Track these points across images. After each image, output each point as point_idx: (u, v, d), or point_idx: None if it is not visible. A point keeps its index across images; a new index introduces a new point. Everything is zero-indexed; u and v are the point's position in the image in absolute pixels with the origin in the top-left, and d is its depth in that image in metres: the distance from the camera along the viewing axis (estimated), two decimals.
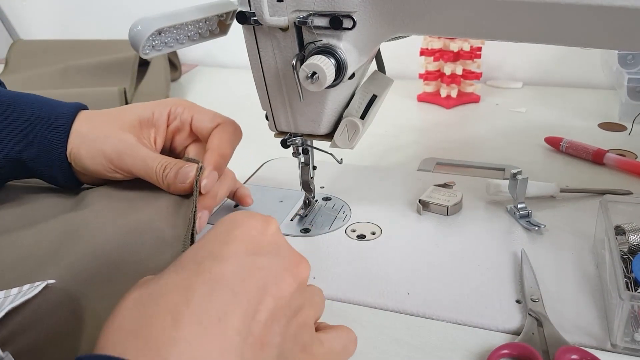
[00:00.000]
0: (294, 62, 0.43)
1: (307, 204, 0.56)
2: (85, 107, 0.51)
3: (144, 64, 0.99)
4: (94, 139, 0.48)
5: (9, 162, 0.47)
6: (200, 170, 0.46)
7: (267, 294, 0.27)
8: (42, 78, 0.97)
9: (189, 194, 0.47)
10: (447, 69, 0.85)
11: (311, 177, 0.54)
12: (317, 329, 0.35)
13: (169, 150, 0.53)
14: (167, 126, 0.51)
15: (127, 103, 0.83)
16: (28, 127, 0.47)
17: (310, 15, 0.41)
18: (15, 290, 0.36)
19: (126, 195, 0.49)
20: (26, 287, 0.36)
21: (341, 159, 0.53)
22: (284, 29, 0.43)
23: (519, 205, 0.53)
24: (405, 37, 0.46)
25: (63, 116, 0.48)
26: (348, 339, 0.36)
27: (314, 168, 0.54)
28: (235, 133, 0.51)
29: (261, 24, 0.42)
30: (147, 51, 0.46)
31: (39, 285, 0.36)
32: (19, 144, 0.47)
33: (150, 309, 0.24)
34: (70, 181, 0.50)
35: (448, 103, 0.86)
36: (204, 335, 0.23)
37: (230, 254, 0.28)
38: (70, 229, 0.43)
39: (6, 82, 0.99)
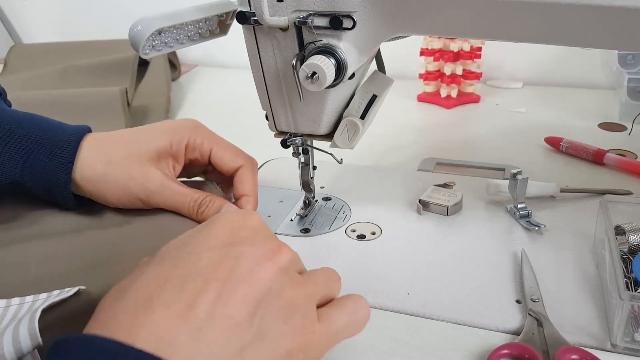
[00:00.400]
0: (294, 62, 0.43)
1: (307, 204, 0.56)
2: (89, 129, 0.49)
3: (143, 64, 0.99)
4: (116, 180, 0.46)
5: (9, 184, 0.46)
6: None
7: (242, 279, 0.28)
8: (41, 79, 0.97)
9: None
10: (447, 69, 0.85)
11: (311, 177, 0.54)
12: (325, 305, 0.34)
13: (185, 175, 0.52)
14: (185, 155, 0.49)
15: (128, 103, 0.83)
16: (29, 154, 0.45)
17: (310, 15, 0.41)
18: (44, 295, 0.36)
19: (155, 216, 0.48)
20: (56, 292, 0.36)
21: (341, 159, 0.53)
22: (284, 29, 0.43)
23: (519, 205, 0.53)
24: (405, 37, 0.46)
25: (66, 145, 0.46)
26: (353, 306, 0.34)
27: (314, 168, 0.54)
28: (256, 173, 0.51)
29: (261, 24, 0.42)
30: (147, 51, 0.46)
31: (71, 290, 0.36)
32: (20, 170, 0.45)
33: (127, 299, 0.26)
34: (72, 204, 0.48)
35: (448, 103, 0.86)
36: (172, 319, 0.25)
37: (205, 247, 0.29)
38: (105, 250, 0.44)
39: (5, 83, 0.99)
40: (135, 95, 0.92)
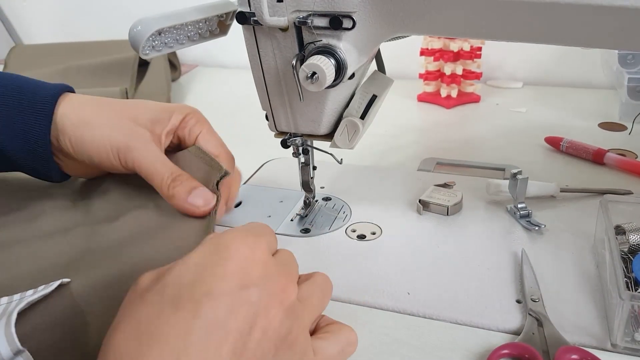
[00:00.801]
0: (293, 62, 0.43)
1: (307, 204, 0.56)
2: (71, 90, 0.47)
3: (143, 64, 0.99)
4: (100, 125, 0.45)
5: None
6: (217, 200, 0.45)
7: (256, 326, 0.28)
8: (42, 78, 0.97)
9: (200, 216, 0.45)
10: (447, 69, 0.85)
11: (311, 177, 0.54)
12: (317, 328, 0.35)
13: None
14: (175, 131, 0.50)
15: None
16: (7, 114, 0.44)
17: (310, 15, 0.41)
18: (30, 292, 0.36)
19: (147, 211, 0.47)
20: (41, 287, 0.36)
21: (341, 159, 0.53)
22: (283, 29, 0.43)
23: (519, 205, 0.53)
24: (405, 37, 0.46)
25: (44, 100, 0.44)
26: (346, 341, 0.35)
27: (314, 168, 0.54)
28: (233, 170, 0.51)
29: (261, 24, 0.42)
30: (147, 51, 0.46)
31: (54, 284, 0.35)
32: None
33: (152, 350, 0.26)
34: (52, 173, 0.47)
35: (448, 103, 0.86)
36: None
37: (223, 290, 0.28)
38: (93, 246, 0.43)
39: None
40: (135, 96, 0.92)
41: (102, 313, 0.35)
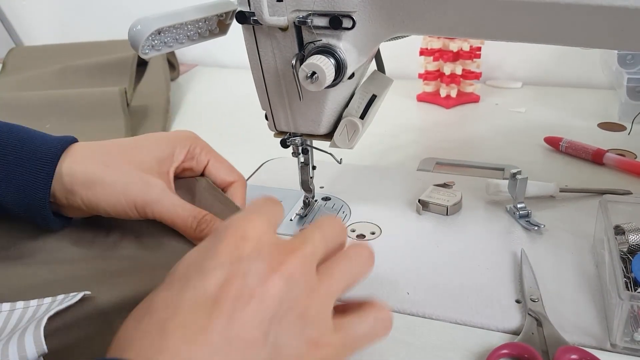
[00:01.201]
0: (293, 62, 0.43)
1: (306, 204, 0.56)
2: (74, 140, 0.46)
3: (142, 64, 0.98)
4: (111, 183, 0.43)
5: None
6: None
7: (250, 296, 0.28)
8: (40, 79, 0.97)
9: None
10: (447, 68, 0.85)
11: (311, 177, 0.54)
12: (342, 308, 0.33)
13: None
14: (181, 163, 0.48)
15: (127, 104, 0.83)
16: (6, 167, 0.42)
17: (309, 15, 0.41)
18: (48, 299, 0.36)
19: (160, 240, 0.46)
20: (60, 296, 0.36)
21: (341, 159, 0.53)
22: (283, 29, 0.43)
23: (519, 205, 0.53)
24: (404, 37, 0.46)
25: (46, 156, 0.43)
26: (373, 317, 0.33)
27: (314, 168, 0.54)
28: (245, 191, 0.51)
29: (261, 24, 0.42)
30: (147, 51, 0.46)
31: (77, 295, 0.36)
32: None
33: (144, 324, 0.27)
34: (50, 224, 0.45)
35: (447, 103, 0.86)
36: (187, 343, 0.26)
37: (212, 265, 0.29)
38: (111, 268, 0.43)
39: (2, 84, 0.99)
40: (134, 96, 0.92)
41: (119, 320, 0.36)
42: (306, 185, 0.54)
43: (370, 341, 0.33)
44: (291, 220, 0.55)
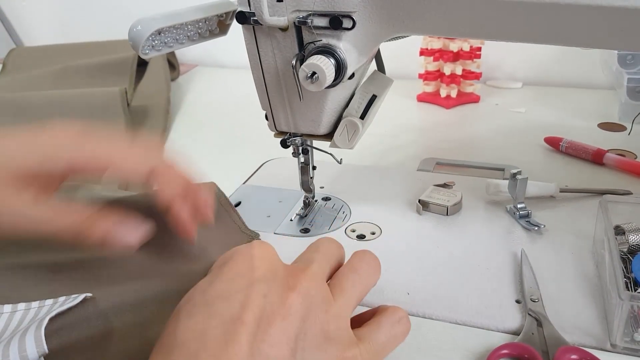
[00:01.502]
0: (293, 62, 0.43)
1: (306, 204, 0.56)
2: None
3: (142, 64, 0.98)
4: None
5: None
6: None
7: (275, 315, 0.29)
8: (39, 79, 0.97)
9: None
10: (447, 69, 0.85)
11: (311, 177, 0.54)
12: (357, 320, 0.34)
13: None
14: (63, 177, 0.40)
15: (128, 104, 0.83)
16: None
17: (310, 15, 0.41)
18: (50, 301, 0.36)
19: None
20: (62, 299, 0.36)
21: (341, 159, 0.53)
22: (283, 29, 0.43)
23: (519, 205, 0.53)
24: (404, 37, 0.46)
25: None
26: (391, 320, 0.34)
27: (314, 168, 0.54)
28: (178, 173, 0.41)
29: (261, 24, 0.42)
30: (147, 51, 0.46)
31: (78, 297, 0.36)
32: None
33: (174, 357, 0.27)
34: None
35: (448, 103, 0.87)
36: None
37: (232, 290, 0.30)
38: (111, 272, 0.42)
39: (3, 84, 0.99)
40: (135, 96, 0.92)
41: (123, 323, 0.36)
42: (306, 185, 0.54)
43: (393, 345, 0.34)
44: (291, 220, 0.55)
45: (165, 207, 0.40)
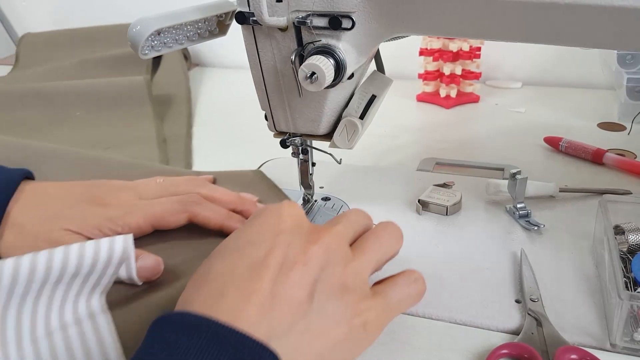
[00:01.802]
0: (292, 56, 0.43)
1: (306, 201, 0.56)
2: (29, 174, 0.48)
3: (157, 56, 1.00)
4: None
5: None
6: None
7: (296, 262, 0.32)
8: (60, 71, 0.99)
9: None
10: (447, 69, 0.85)
11: (310, 174, 0.54)
12: (377, 283, 0.37)
13: None
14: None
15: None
16: None
17: (309, 15, 0.41)
18: (90, 251, 0.38)
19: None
20: (105, 243, 0.39)
21: (340, 159, 0.53)
22: (283, 29, 0.43)
23: (519, 205, 0.53)
24: (404, 37, 0.46)
25: None
26: (407, 280, 0.37)
27: (313, 164, 0.54)
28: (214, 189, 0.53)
29: (260, 24, 0.42)
30: (147, 51, 0.46)
31: (127, 237, 0.39)
32: None
33: (204, 289, 0.31)
34: None
35: (447, 103, 0.87)
36: (243, 301, 0.30)
37: (261, 238, 0.33)
38: None
39: (18, 78, 1.01)
40: (153, 86, 0.93)
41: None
42: (306, 181, 0.54)
43: (408, 304, 0.37)
44: None
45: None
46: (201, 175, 0.58)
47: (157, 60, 0.98)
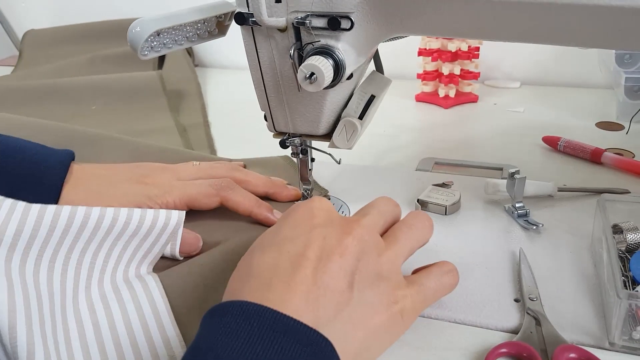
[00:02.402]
0: (291, 51, 0.43)
1: (305, 197, 0.56)
2: (72, 156, 0.51)
3: None
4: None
5: None
6: None
7: (332, 252, 0.34)
8: (69, 68, 1.00)
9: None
10: (445, 69, 0.85)
11: (309, 169, 0.54)
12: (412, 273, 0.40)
13: None
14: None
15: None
16: (13, 190, 0.45)
17: (308, 16, 0.41)
18: (150, 216, 0.42)
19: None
20: (163, 213, 0.43)
21: (340, 159, 0.53)
22: (282, 30, 0.43)
23: (517, 205, 0.53)
24: (403, 37, 0.46)
25: (50, 181, 0.48)
26: (440, 270, 0.39)
27: (312, 160, 0.54)
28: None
29: (259, 25, 0.42)
30: (146, 52, 0.46)
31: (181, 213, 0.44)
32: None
33: (251, 283, 0.33)
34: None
35: (446, 103, 0.87)
36: (289, 292, 0.31)
37: (297, 234, 0.35)
38: None
39: (26, 75, 1.02)
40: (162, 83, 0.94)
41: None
42: (305, 177, 0.54)
43: (441, 293, 0.40)
44: None
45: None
46: (233, 161, 0.62)
47: (162, 58, 0.99)
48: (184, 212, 0.44)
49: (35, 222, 0.36)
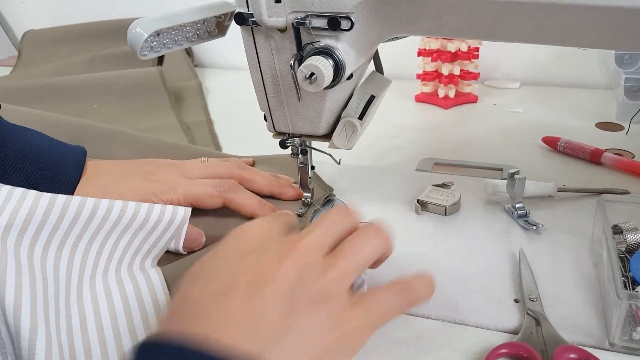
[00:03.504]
0: (292, 62, 0.43)
1: (305, 204, 0.56)
2: (84, 153, 0.53)
3: None
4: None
5: None
6: None
7: (266, 279, 0.31)
8: (70, 67, 1.00)
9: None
10: (445, 69, 0.85)
11: (310, 177, 0.54)
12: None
13: None
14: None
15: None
16: (32, 183, 0.48)
17: (308, 16, 0.41)
18: (157, 210, 0.44)
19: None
20: (170, 208, 0.45)
21: (339, 160, 0.53)
22: (282, 30, 0.43)
23: (517, 205, 0.53)
24: (402, 37, 0.46)
25: (66, 177, 0.50)
26: (397, 286, 0.35)
27: (312, 168, 0.54)
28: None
29: (259, 25, 0.42)
30: (146, 52, 0.46)
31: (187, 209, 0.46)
32: None
33: (183, 314, 0.31)
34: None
35: (446, 103, 0.87)
36: (221, 320, 0.29)
37: (229, 262, 0.33)
38: None
39: (21, 76, 1.02)
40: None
41: None
42: (305, 185, 0.55)
43: (389, 315, 0.35)
44: None
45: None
46: (242, 158, 0.62)
47: (161, 58, 1.00)
48: (190, 208, 0.45)
49: (46, 209, 0.37)
